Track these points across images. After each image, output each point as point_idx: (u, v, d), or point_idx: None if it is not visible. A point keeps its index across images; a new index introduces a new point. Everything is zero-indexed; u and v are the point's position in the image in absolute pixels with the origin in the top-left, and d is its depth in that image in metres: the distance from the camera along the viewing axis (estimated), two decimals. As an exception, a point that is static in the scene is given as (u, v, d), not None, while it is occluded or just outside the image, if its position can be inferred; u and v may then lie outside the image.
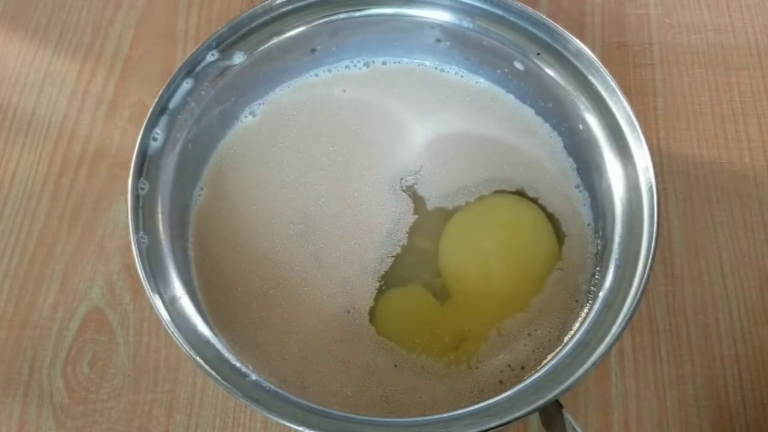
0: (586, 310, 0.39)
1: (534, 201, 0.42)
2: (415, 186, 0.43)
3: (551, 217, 0.42)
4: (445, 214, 0.43)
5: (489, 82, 0.46)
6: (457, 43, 0.44)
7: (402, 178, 0.43)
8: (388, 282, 0.41)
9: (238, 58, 0.42)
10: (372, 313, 0.40)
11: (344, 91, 0.46)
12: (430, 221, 0.42)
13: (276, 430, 0.41)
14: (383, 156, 0.44)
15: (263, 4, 0.42)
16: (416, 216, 0.42)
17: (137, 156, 0.39)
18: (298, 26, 0.43)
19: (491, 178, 0.43)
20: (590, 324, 0.35)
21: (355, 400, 0.38)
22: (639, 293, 0.35)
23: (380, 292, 0.41)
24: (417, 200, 0.43)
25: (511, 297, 0.40)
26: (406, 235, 0.42)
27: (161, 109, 0.40)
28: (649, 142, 0.38)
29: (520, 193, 0.43)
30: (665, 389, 0.42)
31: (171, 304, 0.36)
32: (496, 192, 0.43)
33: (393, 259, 0.41)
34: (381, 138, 0.44)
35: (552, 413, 0.34)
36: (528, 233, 0.42)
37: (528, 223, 0.42)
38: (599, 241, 0.40)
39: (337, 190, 0.43)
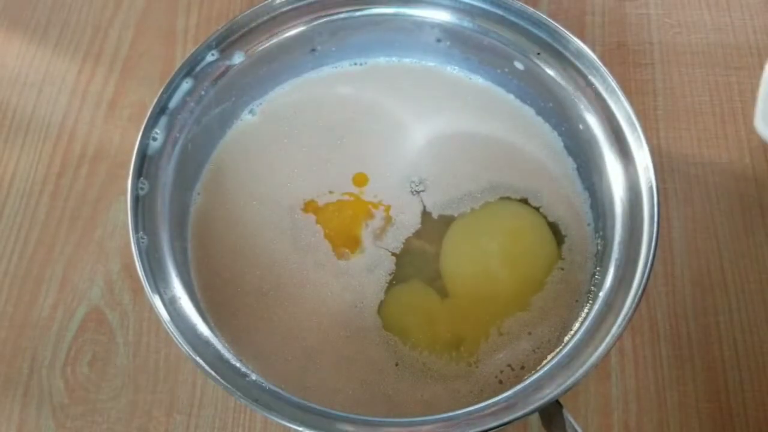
0: (586, 310, 0.39)
1: (536, 209, 0.42)
2: (422, 193, 0.43)
3: (553, 225, 0.42)
4: (450, 219, 0.42)
5: (489, 81, 0.46)
6: (457, 43, 0.44)
7: (411, 181, 0.43)
8: (395, 279, 0.41)
9: (238, 58, 0.42)
10: (380, 308, 0.40)
11: (344, 90, 0.46)
12: (435, 225, 0.42)
13: (276, 430, 0.41)
14: (384, 155, 0.44)
15: (263, 4, 0.42)
16: (423, 217, 0.42)
17: (137, 156, 0.38)
18: (298, 26, 0.43)
19: (495, 184, 0.43)
20: (590, 324, 0.35)
21: (356, 398, 0.38)
22: (639, 293, 0.35)
23: (389, 287, 0.41)
24: (423, 203, 0.43)
25: (510, 300, 0.40)
26: (413, 234, 0.42)
27: (161, 109, 0.40)
28: (649, 141, 0.38)
29: (524, 202, 0.43)
30: (665, 389, 0.42)
31: (171, 304, 0.36)
32: (502, 198, 0.43)
33: (401, 256, 0.41)
34: (382, 137, 0.44)
35: (552, 413, 0.34)
36: (528, 239, 0.42)
37: (528, 229, 0.42)
38: (599, 240, 0.40)
39: (340, 187, 0.43)
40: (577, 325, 0.39)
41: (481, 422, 0.33)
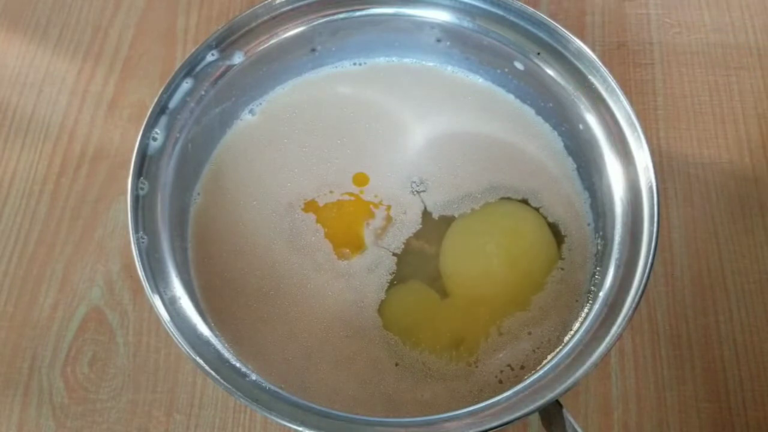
0: (586, 309, 0.39)
1: (536, 210, 0.42)
2: (422, 193, 0.43)
3: (553, 225, 0.42)
4: (450, 219, 0.42)
5: (489, 81, 0.46)
6: (457, 43, 0.44)
7: (412, 181, 0.43)
8: (396, 279, 0.41)
9: (238, 58, 0.42)
10: (381, 307, 0.40)
11: (344, 90, 0.46)
12: (435, 225, 0.42)
13: (276, 430, 0.41)
14: (384, 155, 0.44)
15: (263, 4, 0.42)
16: (423, 217, 0.42)
17: (137, 156, 0.38)
18: (298, 26, 0.43)
19: (495, 184, 0.43)
20: (590, 324, 0.35)
21: (356, 398, 0.38)
22: (639, 293, 0.35)
23: (390, 287, 0.41)
24: (423, 203, 0.43)
25: (510, 300, 0.40)
26: (413, 234, 0.42)
27: (161, 109, 0.40)
28: (649, 141, 0.38)
29: (525, 202, 0.43)
30: (665, 389, 0.42)
31: (171, 304, 0.36)
32: (502, 199, 0.43)
33: (402, 256, 0.41)
34: (382, 137, 0.44)
35: (552, 413, 0.34)
36: (528, 239, 0.42)
37: (528, 230, 0.42)
38: (599, 240, 0.40)
39: (341, 187, 0.43)
40: (577, 325, 0.39)
41: (481, 422, 0.33)
